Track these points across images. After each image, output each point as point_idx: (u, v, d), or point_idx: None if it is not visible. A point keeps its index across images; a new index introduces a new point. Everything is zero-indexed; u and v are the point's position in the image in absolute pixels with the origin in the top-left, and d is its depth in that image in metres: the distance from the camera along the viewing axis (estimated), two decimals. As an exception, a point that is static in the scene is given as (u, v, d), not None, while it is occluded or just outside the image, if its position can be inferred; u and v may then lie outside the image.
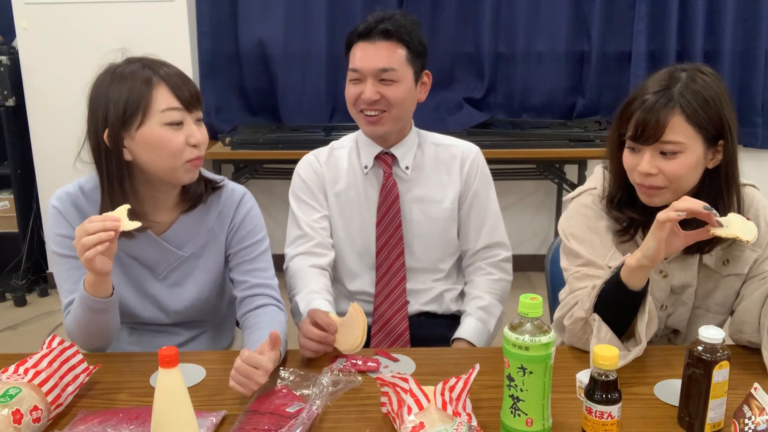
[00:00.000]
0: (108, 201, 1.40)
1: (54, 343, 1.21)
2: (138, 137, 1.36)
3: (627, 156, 1.38)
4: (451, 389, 1.11)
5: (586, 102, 3.81)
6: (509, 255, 1.81)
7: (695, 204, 1.22)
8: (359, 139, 1.77)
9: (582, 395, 1.12)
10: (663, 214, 1.24)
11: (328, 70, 3.77)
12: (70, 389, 1.21)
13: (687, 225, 1.30)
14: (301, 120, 3.82)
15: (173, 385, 1.01)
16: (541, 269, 1.95)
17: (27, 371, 1.16)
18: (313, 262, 1.69)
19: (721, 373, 1.07)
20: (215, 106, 3.81)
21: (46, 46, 3.56)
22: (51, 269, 3.91)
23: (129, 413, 1.18)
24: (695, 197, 1.26)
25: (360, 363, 1.36)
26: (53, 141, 3.66)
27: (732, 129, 1.33)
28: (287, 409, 1.17)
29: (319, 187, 1.76)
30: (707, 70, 1.35)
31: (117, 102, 1.35)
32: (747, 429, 1.02)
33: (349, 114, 1.72)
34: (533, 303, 1.05)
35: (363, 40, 1.64)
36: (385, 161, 1.73)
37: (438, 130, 1.89)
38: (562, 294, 1.50)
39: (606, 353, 1.06)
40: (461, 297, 1.79)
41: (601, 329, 1.32)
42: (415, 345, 1.69)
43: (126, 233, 1.29)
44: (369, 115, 1.66)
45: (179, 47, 3.61)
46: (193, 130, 1.40)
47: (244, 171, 3.65)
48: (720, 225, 1.24)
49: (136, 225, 1.25)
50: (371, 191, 1.74)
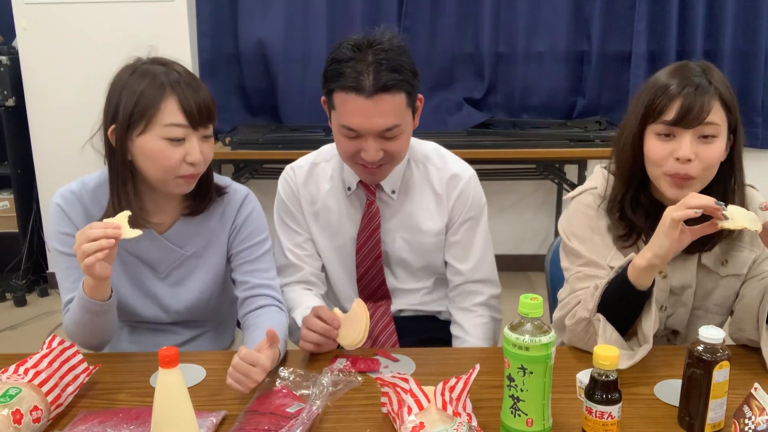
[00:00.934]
0: (115, 197, 1.41)
1: (54, 343, 1.21)
2: (137, 143, 1.37)
3: (658, 145, 1.35)
4: (451, 389, 1.11)
5: (586, 102, 3.81)
6: (497, 292, 1.68)
7: (708, 200, 1.23)
8: None
9: (582, 395, 1.12)
10: (677, 212, 1.23)
11: (328, 70, 3.77)
12: (70, 389, 1.21)
13: (689, 221, 1.29)
14: (301, 120, 3.82)
15: (173, 385, 1.01)
16: (541, 269, 1.94)
17: (27, 371, 1.16)
18: (306, 287, 1.67)
19: (722, 373, 1.07)
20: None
21: (46, 46, 3.55)
22: (51, 267, 3.91)
23: (129, 413, 1.18)
24: (706, 193, 1.28)
25: (360, 363, 1.35)
26: (53, 141, 3.66)
27: (740, 122, 1.36)
28: (287, 409, 1.17)
29: (297, 209, 1.67)
30: (712, 64, 1.39)
31: (126, 104, 1.35)
32: (747, 429, 1.02)
33: None
34: (533, 303, 1.05)
35: (355, 93, 1.40)
36: (368, 187, 1.62)
37: (438, 130, 1.86)
38: (561, 294, 1.50)
39: (606, 353, 1.06)
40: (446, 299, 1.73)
41: (606, 329, 1.32)
42: (403, 343, 1.67)
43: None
44: (368, 167, 1.50)
45: (179, 47, 3.60)
46: (193, 148, 1.37)
47: (244, 171, 3.65)
48: (726, 218, 1.24)
49: (136, 233, 1.26)
50: (354, 213, 1.64)
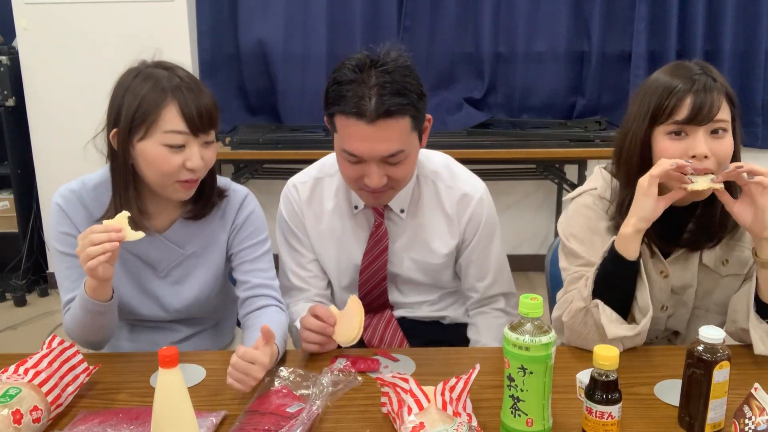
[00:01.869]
0: (117, 199, 1.42)
1: (54, 343, 1.21)
2: (138, 148, 1.37)
3: (671, 145, 1.35)
4: (452, 389, 1.11)
5: (586, 102, 3.81)
6: (515, 301, 1.61)
7: (678, 160, 1.29)
8: None
9: (582, 395, 1.12)
10: (655, 170, 1.29)
11: (328, 70, 3.75)
12: (70, 389, 1.21)
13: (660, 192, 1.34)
14: (301, 120, 3.82)
15: (173, 385, 1.01)
16: (541, 269, 1.94)
17: (27, 371, 1.16)
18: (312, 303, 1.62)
19: (722, 373, 1.07)
20: (215, 106, 3.81)
21: (46, 46, 3.55)
22: (52, 266, 3.91)
23: (129, 413, 1.18)
24: None
25: (360, 363, 1.35)
26: (53, 141, 3.66)
27: (738, 118, 1.38)
28: (287, 409, 1.17)
29: (301, 229, 1.63)
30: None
31: (128, 108, 1.35)
32: (747, 429, 1.02)
33: None
34: (533, 303, 1.05)
35: (356, 118, 1.34)
36: (377, 209, 1.57)
37: (438, 130, 1.84)
38: (559, 294, 1.50)
39: (606, 353, 1.06)
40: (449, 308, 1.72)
41: (605, 310, 1.34)
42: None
43: None
44: (372, 192, 1.45)
45: (179, 47, 3.60)
46: (193, 154, 1.37)
47: (244, 171, 3.65)
48: (691, 182, 1.29)
49: (139, 236, 1.27)
50: (360, 233, 1.59)
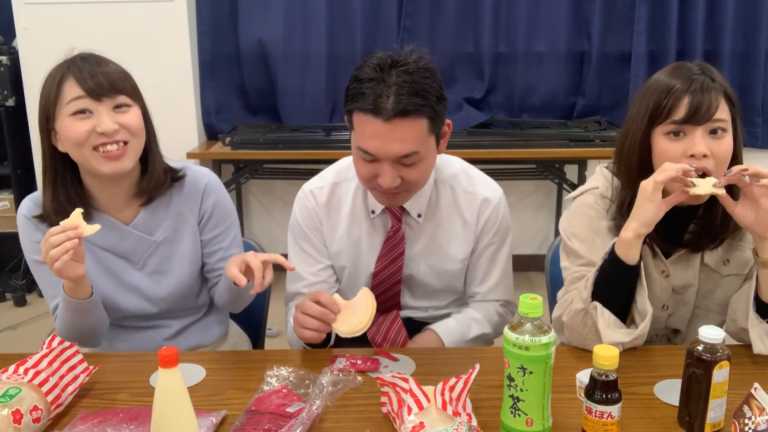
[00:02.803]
0: (49, 196, 1.44)
1: (54, 343, 1.21)
2: (57, 130, 1.40)
3: (669, 146, 1.35)
4: (451, 389, 1.11)
5: (586, 102, 3.82)
6: (514, 309, 1.65)
7: (683, 165, 1.27)
8: None
9: (582, 395, 1.12)
10: (659, 176, 1.27)
11: (328, 70, 3.77)
12: (70, 389, 1.21)
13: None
14: (301, 120, 3.82)
15: (173, 385, 1.01)
16: (541, 269, 1.94)
17: (27, 371, 1.16)
18: None
19: (721, 373, 1.07)
20: (215, 106, 3.81)
21: (46, 46, 3.54)
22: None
23: (129, 413, 1.18)
24: None
25: (360, 363, 1.36)
26: (53, 141, 3.66)
27: (739, 118, 1.37)
28: (287, 409, 1.17)
29: (319, 237, 1.60)
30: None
31: (43, 98, 1.41)
32: (747, 429, 1.02)
33: None
34: (533, 303, 1.05)
35: (373, 115, 1.33)
36: (394, 213, 1.55)
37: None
38: (560, 294, 1.50)
39: (606, 353, 1.06)
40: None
41: (604, 313, 1.34)
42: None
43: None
44: (385, 192, 1.44)
45: (179, 47, 3.61)
46: (102, 119, 1.38)
47: (244, 171, 3.65)
48: (693, 185, 1.28)
49: (95, 228, 1.29)
50: (376, 238, 1.57)
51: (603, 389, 1.06)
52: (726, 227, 1.41)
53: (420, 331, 1.62)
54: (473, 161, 1.71)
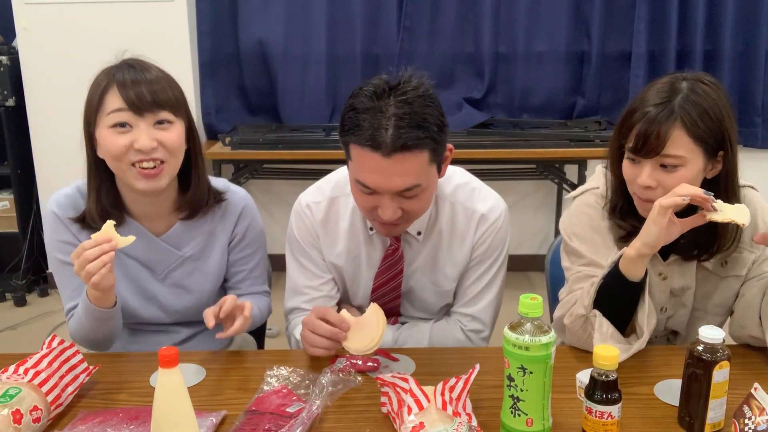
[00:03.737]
0: (92, 200, 1.44)
1: (54, 343, 1.21)
2: (96, 138, 1.39)
3: (627, 167, 1.36)
4: (451, 389, 1.11)
5: (586, 102, 3.81)
6: (486, 335, 1.58)
7: (697, 190, 1.23)
8: None
9: (582, 395, 1.12)
10: (665, 199, 1.24)
11: (328, 70, 3.77)
12: (70, 389, 1.21)
13: (679, 214, 1.30)
14: (301, 120, 3.82)
15: (173, 385, 1.01)
16: (541, 269, 1.94)
17: (27, 371, 1.16)
18: None
19: (721, 373, 1.07)
20: (215, 106, 3.81)
21: (46, 46, 3.55)
22: (52, 272, 3.91)
23: (129, 413, 1.18)
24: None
25: (360, 363, 1.35)
26: (53, 141, 3.66)
27: (732, 140, 1.31)
28: (287, 409, 1.17)
29: (317, 253, 1.55)
30: (708, 79, 1.32)
31: (87, 103, 1.40)
32: (747, 429, 1.02)
33: None
34: (533, 303, 1.05)
35: (371, 150, 1.26)
36: None
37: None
38: (562, 293, 1.50)
39: (606, 353, 1.06)
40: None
41: (603, 324, 1.32)
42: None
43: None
44: (385, 224, 1.39)
45: (179, 47, 3.60)
46: (141, 135, 1.35)
47: (244, 171, 3.65)
48: (715, 210, 1.24)
49: (130, 240, 1.29)
50: (375, 255, 1.53)
51: (603, 389, 1.06)
52: (721, 245, 1.38)
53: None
54: (473, 161, 1.71)
